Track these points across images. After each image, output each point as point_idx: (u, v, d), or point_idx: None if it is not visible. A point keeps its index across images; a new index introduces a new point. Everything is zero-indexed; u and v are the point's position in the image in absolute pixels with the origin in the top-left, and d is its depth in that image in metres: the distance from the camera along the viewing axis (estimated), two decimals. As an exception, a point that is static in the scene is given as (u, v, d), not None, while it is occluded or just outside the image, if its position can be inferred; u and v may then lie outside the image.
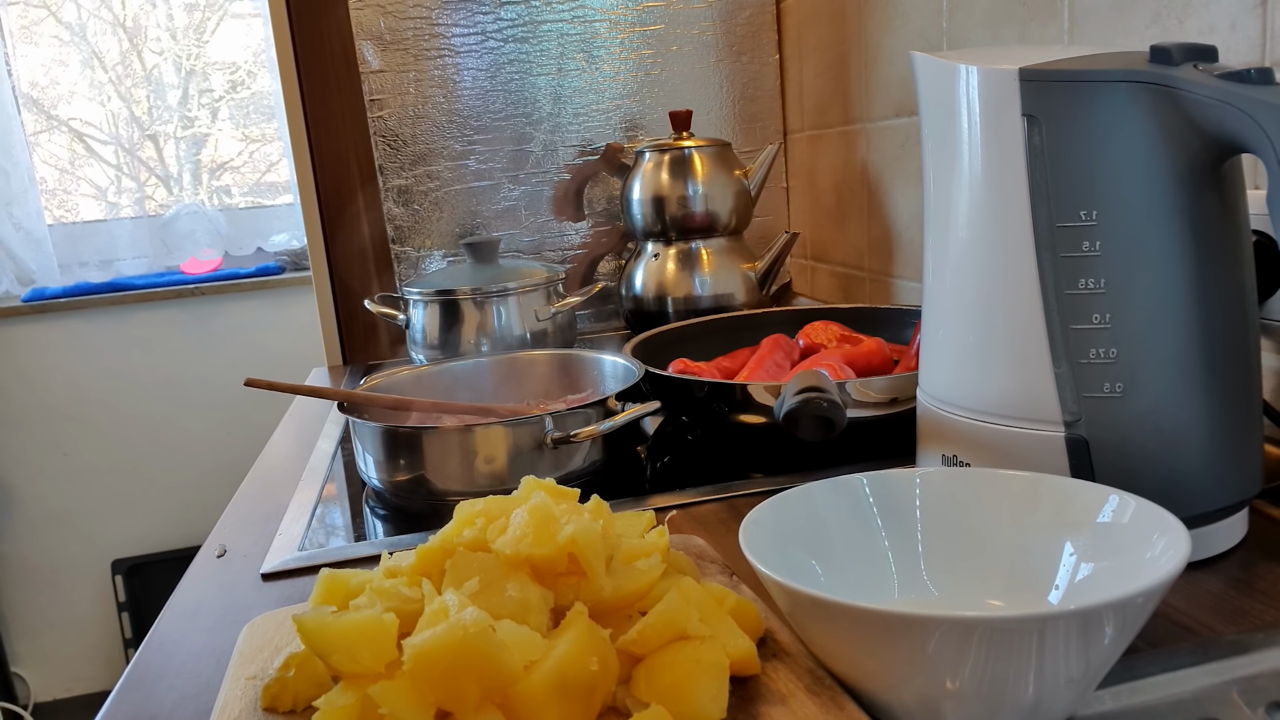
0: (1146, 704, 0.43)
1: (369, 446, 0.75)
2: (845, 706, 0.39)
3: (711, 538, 0.62)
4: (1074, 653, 0.35)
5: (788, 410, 0.61)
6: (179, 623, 0.58)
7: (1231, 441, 0.51)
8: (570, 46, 1.37)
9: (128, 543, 2.29)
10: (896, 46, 1.15)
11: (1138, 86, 0.48)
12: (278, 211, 2.45)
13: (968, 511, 0.48)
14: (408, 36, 1.31)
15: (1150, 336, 0.49)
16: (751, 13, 1.42)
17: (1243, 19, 0.66)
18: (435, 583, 0.43)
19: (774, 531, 0.45)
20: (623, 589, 0.43)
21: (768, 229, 1.48)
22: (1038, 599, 0.45)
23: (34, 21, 2.26)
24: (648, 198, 1.23)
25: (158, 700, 0.49)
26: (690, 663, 0.39)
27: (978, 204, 0.53)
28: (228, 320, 2.29)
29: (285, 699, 0.42)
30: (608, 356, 0.87)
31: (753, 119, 1.45)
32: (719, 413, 0.78)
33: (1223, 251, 0.50)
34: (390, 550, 0.50)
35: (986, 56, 0.53)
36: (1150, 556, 0.41)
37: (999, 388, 0.54)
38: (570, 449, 0.72)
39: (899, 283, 1.22)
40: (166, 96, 2.40)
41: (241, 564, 0.66)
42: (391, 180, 1.34)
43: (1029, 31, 0.89)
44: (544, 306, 1.16)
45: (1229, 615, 0.47)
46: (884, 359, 0.85)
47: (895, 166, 1.19)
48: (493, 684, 0.37)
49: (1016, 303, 0.52)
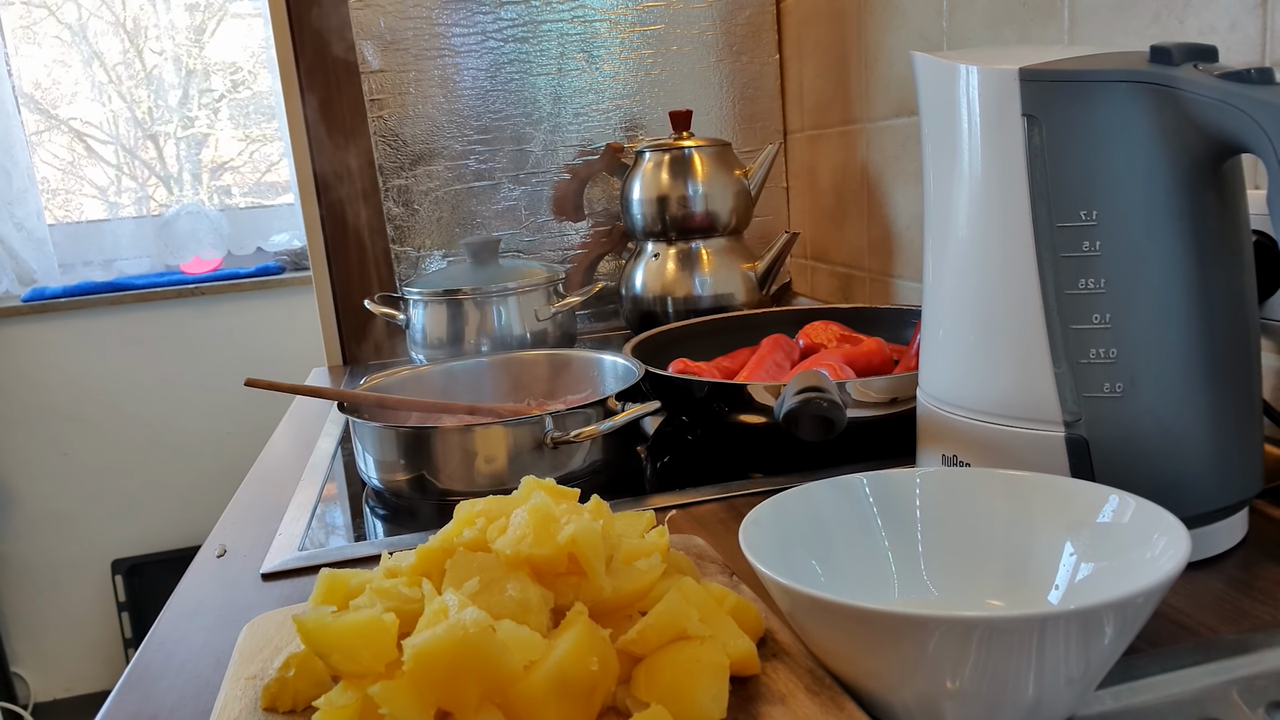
0: (1146, 704, 0.43)
1: (369, 446, 0.75)
2: (845, 706, 0.39)
3: (711, 538, 0.62)
4: (1074, 653, 0.35)
5: (788, 410, 0.61)
6: (179, 623, 0.58)
7: (1231, 441, 0.51)
8: (570, 46, 1.37)
9: (128, 543, 2.29)
10: (896, 46, 1.15)
11: (1138, 86, 0.48)
12: (278, 211, 2.45)
13: (968, 511, 0.48)
14: (408, 36, 1.31)
15: (1150, 336, 0.49)
16: (751, 13, 1.42)
17: (1243, 19, 0.66)
18: (435, 583, 0.43)
19: (774, 531, 0.45)
20: (623, 589, 0.43)
21: (768, 229, 1.48)
22: (1038, 599, 0.45)
23: (34, 21, 2.26)
24: (648, 198, 1.23)
25: (158, 700, 0.49)
26: (690, 663, 0.39)
27: (978, 204, 0.53)
28: (228, 320, 2.29)
29: (285, 699, 0.42)
30: (608, 356, 0.87)
31: (753, 119, 1.45)
32: (719, 413, 0.78)
33: (1223, 251, 0.50)
34: (390, 550, 0.50)
35: (986, 56, 0.53)
36: (1150, 556, 0.41)
37: (999, 388, 0.54)
38: (570, 449, 0.72)
39: (899, 283, 1.22)
40: (167, 96, 2.40)
41: (241, 564, 0.66)
42: (391, 180, 1.34)
43: (1029, 31, 0.89)
44: (544, 306, 1.16)
45: (1229, 615, 0.47)
46: (884, 359, 0.85)
47: (895, 166, 1.19)
48: (493, 684, 0.37)
49: (1016, 303, 0.52)
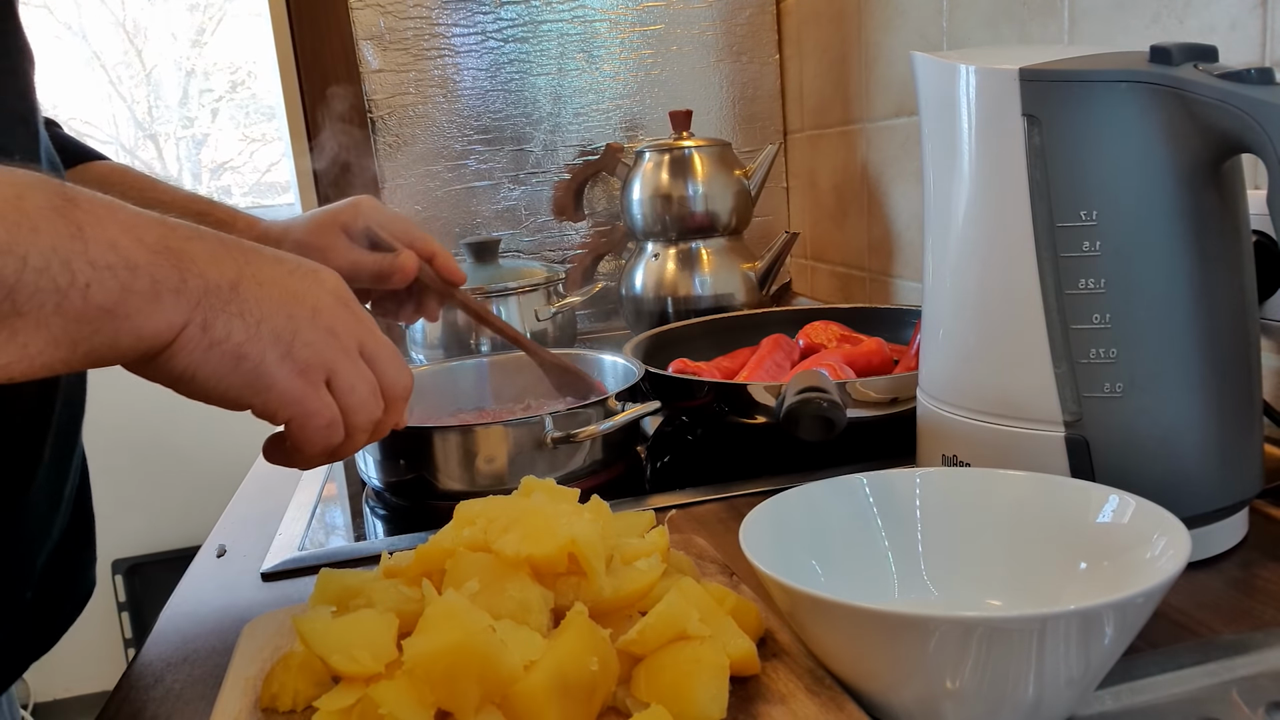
0: (1146, 704, 0.43)
1: (369, 446, 0.75)
2: (845, 706, 0.39)
3: (711, 538, 0.62)
4: (1074, 653, 0.35)
5: (788, 410, 0.61)
6: (179, 623, 0.58)
7: (1231, 441, 0.51)
8: (570, 46, 1.37)
9: (128, 543, 2.29)
10: (896, 46, 1.15)
11: (1138, 86, 0.48)
12: (278, 211, 2.45)
13: (968, 511, 0.48)
14: (408, 36, 1.31)
15: (1150, 337, 0.49)
16: (751, 13, 1.42)
17: (1243, 19, 0.66)
18: (435, 583, 0.43)
19: (774, 531, 0.45)
20: (623, 589, 0.43)
21: (768, 229, 1.48)
22: (1038, 599, 0.45)
23: (34, 21, 2.26)
24: (648, 198, 1.23)
25: (158, 700, 0.49)
26: (690, 663, 0.39)
27: (978, 204, 0.53)
28: (228, 320, 2.29)
29: (285, 699, 0.42)
30: (608, 356, 0.87)
31: (753, 119, 1.45)
32: (719, 413, 0.78)
33: (1223, 251, 0.50)
34: (390, 550, 0.50)
35: (986, 56, 0.53)
36: (1150, 556, 0.41)
37: (999, 388, 0.54)
38: (570, 449, 0.72)
39: (899, 283, 1.22)
40: (166, 96, 2.40)
41: (241, 564, 0.66)
42: (391, 180, 1.34)
43: (1029, 31, 0.89)
44: (544, 306, 1.16)
45: (1229, 615, 0.47)
46: (884, 359, 0.85)
47: (895, 166, 1.19)
48: (493, 684, 0.37)
49: (1016, 303, 0.52)
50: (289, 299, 0.45)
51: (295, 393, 0.45)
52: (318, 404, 0.46)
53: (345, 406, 0.48)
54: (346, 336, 0.48)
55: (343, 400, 0.47)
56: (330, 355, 0.46)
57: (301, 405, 0.46)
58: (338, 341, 0.47)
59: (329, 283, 0.48)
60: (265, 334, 0.44)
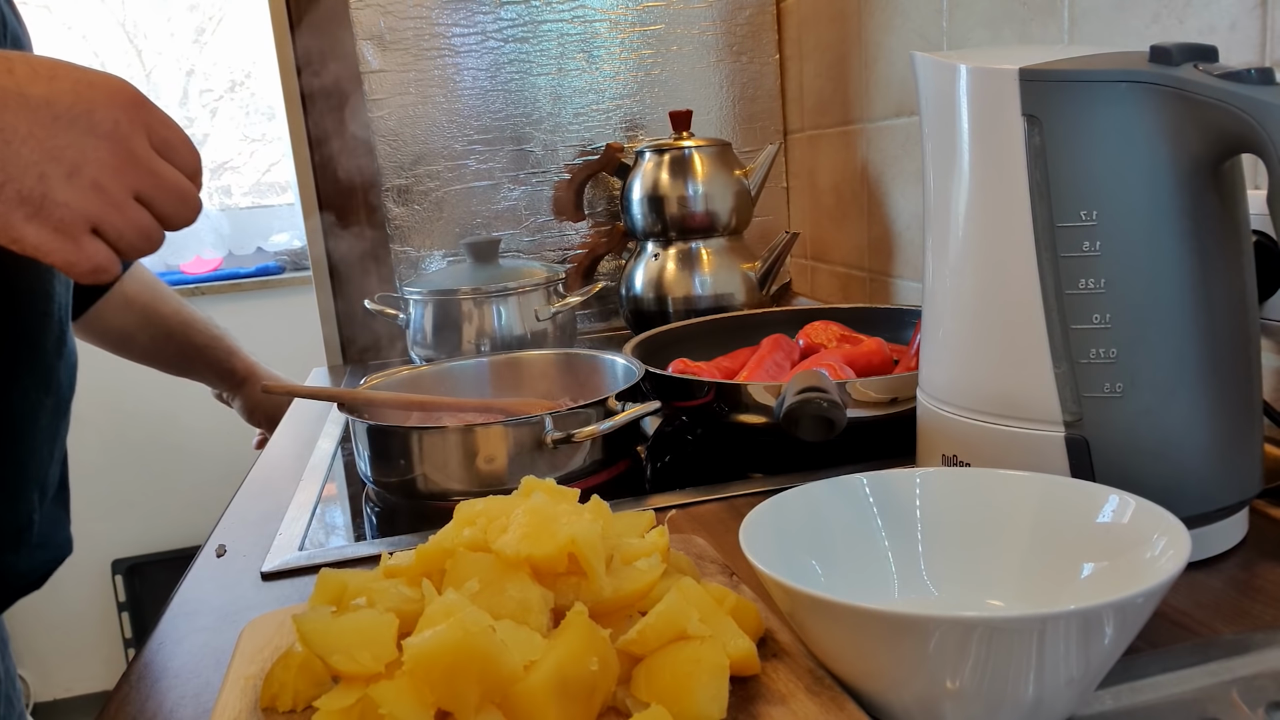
0: (1146, 704, 0.43)
1: (369, 446, 0.75)
2: (845, 706, 0.39)
3: (711, 538, 0.62)
4: (1074, 653, 0.35)
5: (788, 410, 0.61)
6: (179, 623, 0.58)
7: (1231, 441, 0.51)
8: (570, 46, 1.37)
9: (128, 543, 2.29)
10: (896, 46, 1.15)
11: (1138, 86, 0.48)
12: (278, 211, 2.45)
13: (968, 511, 0.48)
14: (408, 36, 1.31)
15: (1150, 337, 0.49)
16: (751, 13, 1.42)
17: (1243, 19, 0.66)
18: (435, 583, 0.43)
19: (774, 531, 0.45)
20: (623, 589, 0.43)
21: (768, 229, 1.48)
22: (1038, 599, 0.45)
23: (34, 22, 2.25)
24: (648, 198, 1.23)
25: (158, 700, 0.49)
26: (690, 663, 0.39)
27: (978, 204, 0.53)
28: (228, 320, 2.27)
29: (285, 699, 0.42)
30: (608, 356, 0.87)
31: (753, 119, 1.45)
32: (719, 413, 0.78)
33: (1223, 251, 0.50)
34: (390, 550, 0.50)
35: (986, 56, 0.53)
36: (1150, 556, 0.41)
37: (999, 388, 0.54)
38: (570, 449, 0.72)
39: (899, 283, 1.22)
40: (166, 96, 2.40)
41: (241, 564, 0.66)
42: (391, 180, 1.34)
43: (1029, 31, 0.89)
44: (544, 306, 1.16)
45: (1229, 615, 0.47)
46: (884, 359, 0.85)
47: (895, 166, 1.19)
48: (493, 684, 0.37)
49: (1016, 303, 0.52)
50: (44, 157, 0.46)
51: (48, 245, 0.47)
52: (77, 255, 0.48)
53: (118, 249, 0.50)
54: (115, 187, 0.49)
55: (114, 245, 0.49)
56: (92, 209, 0.48)
57: (60, 255, 0.47)
58: (102, 195, 0.48)
59: (104, 125, 0.48)
60: (9, 196, 0.45)
